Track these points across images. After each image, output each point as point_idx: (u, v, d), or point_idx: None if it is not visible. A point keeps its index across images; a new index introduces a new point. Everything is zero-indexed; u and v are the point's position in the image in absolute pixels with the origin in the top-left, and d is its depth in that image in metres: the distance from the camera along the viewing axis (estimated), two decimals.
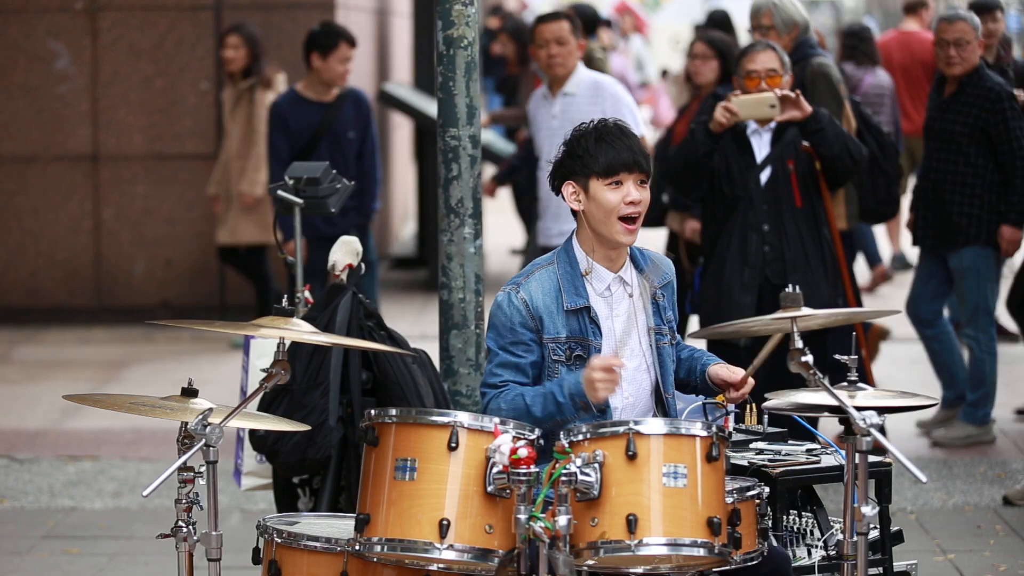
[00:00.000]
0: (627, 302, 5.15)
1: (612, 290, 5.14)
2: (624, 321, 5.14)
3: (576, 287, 5.10)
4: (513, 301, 5.07)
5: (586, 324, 5.08)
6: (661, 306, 5.19)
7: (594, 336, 5.08)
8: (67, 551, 7.73)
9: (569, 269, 5.12)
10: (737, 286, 7.95)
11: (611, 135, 5.06)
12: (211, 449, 4.66)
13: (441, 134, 6.77)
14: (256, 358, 7.02)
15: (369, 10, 14.62)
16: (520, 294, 5.08)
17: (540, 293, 5.08)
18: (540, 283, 5.10)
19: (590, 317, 5.09)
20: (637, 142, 5.09)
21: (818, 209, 8.10)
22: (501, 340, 5.07)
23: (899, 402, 5.76)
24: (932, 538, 7.65)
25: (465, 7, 6.72)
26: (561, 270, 5.13)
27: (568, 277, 5.11)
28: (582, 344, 5.08)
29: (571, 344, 5.07)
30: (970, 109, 9.03)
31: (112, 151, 12.97)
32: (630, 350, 5.13)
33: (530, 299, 5.07)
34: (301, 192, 7.32)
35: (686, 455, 4.61)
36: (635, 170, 5.05)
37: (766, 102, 7.85)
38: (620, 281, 5.15)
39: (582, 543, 4.56)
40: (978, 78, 9.10)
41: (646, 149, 5.13)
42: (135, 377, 11.39)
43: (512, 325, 5.06)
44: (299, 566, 4.84)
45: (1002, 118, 8.94)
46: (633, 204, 5.04)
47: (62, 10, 13.11)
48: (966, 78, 9.10)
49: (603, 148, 5.04)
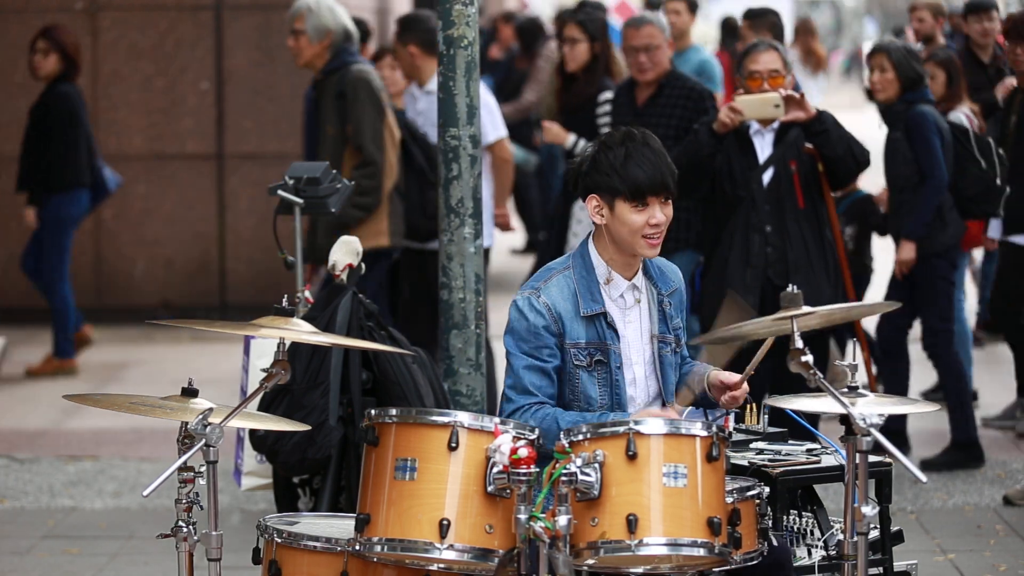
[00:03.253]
0: (636, 308, 5.15)
1: (625, 297, 5.15)
2: (635, 327, 5.14)
3: (592, 293, 5.09)
4: (535, 305, 5.05)
5: (603, 329, 5.08)
6: (668, 314, 5.19)
7: (612, 341, 5.09)
8: (67, 551, 7.73)
9: (585, 274, 5.11)
10: (739, 287, 7.94)
11: (640, 153, 5.01)
12: (211, 449, 4.66)
13: (441, 134, 6.78)
14: (256, 358, 7.02)
15: (369, 10, 14.61)
16: (542, 298, 5.06)
17: (560, 298, 5.08)
18: (559, 288, 5.09)
19: (607, 322, 5.09)
20: (664, 159, 5.04)
21: (820, 210, 8.09)
22: (525, 345, 5.04)
23: (900, 408, 5.77)
24: (932, 538, 7.65)
25: (465, 7, 6.72)
26: (577, 275, 5.12)
27: (584, 283, 5.10)
28: (602, 349, 5.08)
29: (591, 350, 5.07)
30: (672, 111, 8.89)
31: (112, 151, 12.95)
32: (644, 357, 5.14)
33: (552, 303, 5.06)
34: (301, 192, 7.32)
35: (686, 455, 4.61)
36: (662, 191, 5.04)
37: (770, 102, 7.85)
38: (633, 288, 5.15)
39: (582, 543, 4.56)
40: (675, 79, 8.98)
41: (671, 165, 5.08)
42: (135, 377, 11.38)
43: (536, 330, 5.04)
44: (299, 566, 4.84)
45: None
46: (657, 226, 5.04)
47: (62, 10, 13.11)
48: (663, 80, 8.97)
49: (631, 168, 5.00)
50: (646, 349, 5.16)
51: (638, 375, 5.14)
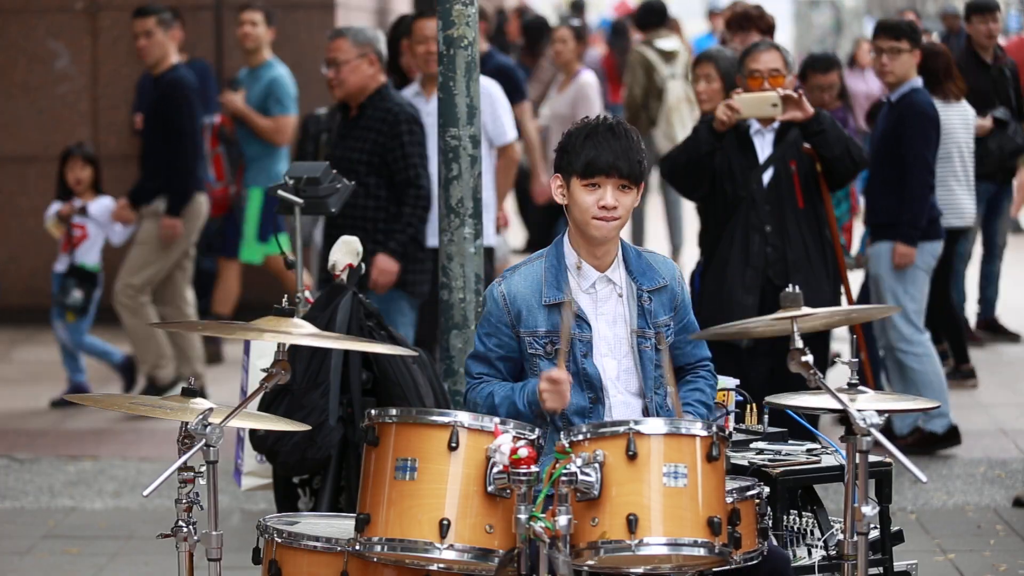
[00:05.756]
0: (614, 301, 5.13)
1: (597, 288, 5.12)
2: (610, 320, 5.12)
3: (558, 282, 5.08)
4: (494, 294, 5.12)
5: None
6: (647, 309, 5.14)
7: (581, 329, 5.07)
8: (67, 551, 7.73)
9: (555, 263, 5.11)
10: (739, 287, 7.94)
11: (601, 135, 5.00)
12: (211, 449, 4.66)
13: (441, 134, 6.78)
14: (256, 358, 7.02)
15: (369, 10, 14.61)
16: (501, 287, 5.11)
17: (522, 286, 5.09)
18: (524, 276, 5.11)
19: (574, 311, 5.06)
20: (628, 144, 5.00)
21: (819, 210, 8.09)
22: (480, 329, 5.16)
23: (901, 405, 5.77)
24: (932, 538, 7.65)
25: (465, 7, 6.72)
26: (548, 264, 5.12)
27: (552, 271, 5.10)
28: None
29: (552, 338, 5.06)
30: (367, 134, 8.50)
31: (112, 151, 12.96)
32: (620, 351, 5.12)
33: (508, 292, 5.09)
34: (301, 192, 7.32)
35: (686, 455, 4.61)
36: (614, 174, 4.99)
37: (768, 101, 7.84)
38: (607, 280, 5.13)
39: (582, 543, 4.56)
40: (379, 99, 8.53)
41: (636, 153, 5.02)
42: (135, 377, 11.37)
43: (489, 317, 5.12)
44: (299, 566, 4.84)
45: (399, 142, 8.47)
46: (606, 209, 5.00)
47: (62, 10, 13.11)
48: (366, 100, 8.54)
49: (587, 147, 4.99)
50: (622, 343, 5.13)
51: (608, 368, 5.10)
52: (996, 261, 12.03)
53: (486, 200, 7.32)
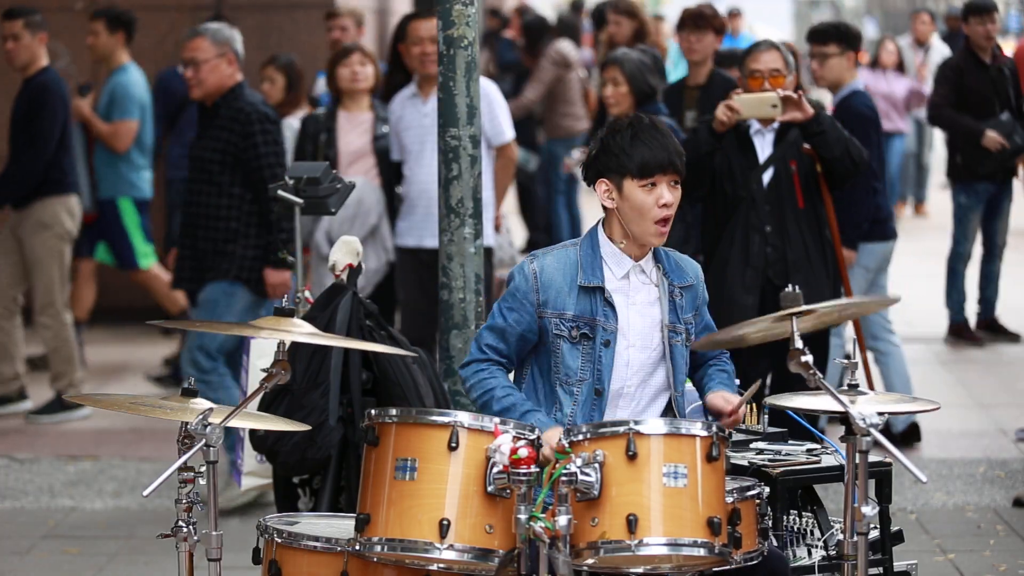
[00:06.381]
0: (645, 291, 5.15)
1: (630, 278, 5.14)
2: (641, 311, 5.14)
3: (594, 268, 5.11)
4: (525, 270, 5.13)
5: (598, 305, 5.09)
6: (678, 304, 5.19)
7: (606, 318, 5.09)
8: (67, 551, 7.73)
9: (591, 252, 5.14)
10: (739, 287, 7.94)
11: (647, 133, 5.06)
12: (211, 449, 4.66)
13: (441, 134, 6.77)
14: (256, 358, 7.02)
15: (369, 10, 14.61)
16: (533, 265, 5.13)
17: (555, 268, 5.12)
18: (558, 258, 5.14)
19: (604, 298, 5.09)
20: (672, 141, 5.09)
21: (819, 210, 8.09)
22: (503, 303, 5.15)
23: (900, 407, 5.76)
24: (932, 538, 7.65)
25: (465, 7, 6.72)
26: (583, 251, 5.15)
27: (588, 258, 5.13)
28: (590, 324, 5.09)
29: (578, 323, 5.08)
30: (220, 132, 8.43)
31: None
32: (649, 341, 5.13)
33: (541, 271, 5.11)
34: (301, 192, 7.32)
35: (686, 455, 4.61)
36: (669, 171, 5.06)
37: (768, 102, 7.84)
38: (640, 270, 5.15)
39: (582, 543, 4.56)
40: (233, 98, 8.47)
41: (679, 147, 5.12)
42: (135, 377, 11.38)
43: (515, 291, 5.13)
44: (299, 566, 4.84)
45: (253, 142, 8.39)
46: (666, 206, 5.06)
47: (62, 10, 13.10)
48: (220, 99, 8.49)
49: (638, 147, 5.04)
50: (653, 336, 5.15)
51: (633, 359, 5.12)
52: (996, 261, 12.03)
53: (485, 200, 7.32)
